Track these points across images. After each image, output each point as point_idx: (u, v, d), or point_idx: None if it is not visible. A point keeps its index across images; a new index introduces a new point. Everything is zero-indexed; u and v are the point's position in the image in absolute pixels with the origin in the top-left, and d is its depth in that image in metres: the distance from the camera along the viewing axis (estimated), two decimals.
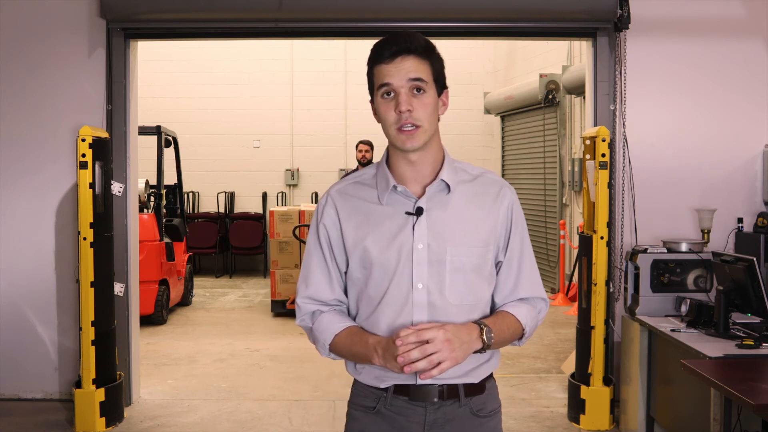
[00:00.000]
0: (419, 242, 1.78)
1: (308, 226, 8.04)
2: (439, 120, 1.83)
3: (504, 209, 1.86)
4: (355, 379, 1.91)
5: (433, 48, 1.80)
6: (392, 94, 1.76)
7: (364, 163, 7.85)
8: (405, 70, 1.74)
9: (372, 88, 1.80)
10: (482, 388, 1.87)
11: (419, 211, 1.79)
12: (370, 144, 7.93)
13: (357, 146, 8.03)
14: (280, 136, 11.83)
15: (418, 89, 1.75)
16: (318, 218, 1.89)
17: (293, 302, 7.97)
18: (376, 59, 1.78)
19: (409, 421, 1.83)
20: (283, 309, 8.18)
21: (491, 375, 1.91)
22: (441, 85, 1.82)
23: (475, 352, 1.73)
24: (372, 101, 1.81)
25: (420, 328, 1.66)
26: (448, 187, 1.82)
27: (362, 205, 1.85)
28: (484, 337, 1.73)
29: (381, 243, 1.80)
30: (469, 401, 1.84)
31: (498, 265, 1.89)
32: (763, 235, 4.61)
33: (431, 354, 1.63)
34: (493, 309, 1.90)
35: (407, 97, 1.74)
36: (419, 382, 1.79)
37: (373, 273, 1.81)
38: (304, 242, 8.13)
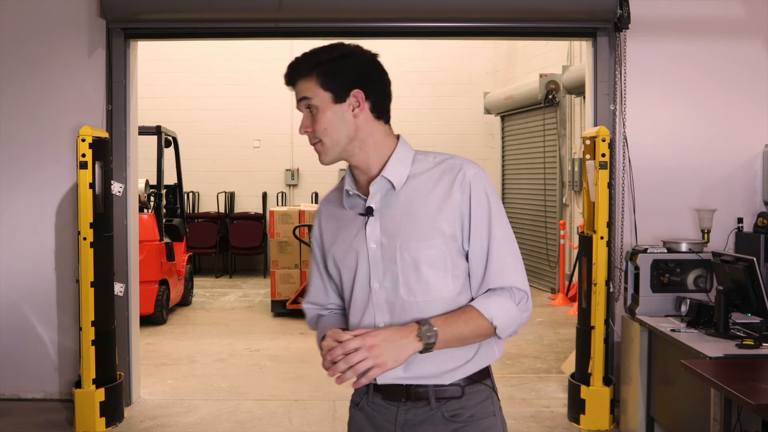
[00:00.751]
0: (372, 242, 1.79)
1: (308, 226, 8.07)
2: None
3: (460, 193, 1.74)
4: None
5: (321, 61, 1.75)
6: None
7: None
8: (297, 94, 1.79)
9: None
10: (459, 391, 1.79)
11: (369, 211, 1.80)
12: None
13: None
14: (280, 136, 11.82)
15: (310, 107, 1.78)
16: (314, 227, 1.98)
17: (293, 302, 8.00)
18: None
19: (383, 419, 1.85)
20: (283, 309, 8.17)
21: (476, 379, 1.81)
22: (342, 89, 1.75)
23: (422, 351, 1.67)
24: None
25: (357, 334, 1.66)
26: (392, 183, 1.79)
27: (336, 212, 1.90)
28: (421, 336, 1.65)
29: (343, 246, 1.84)
30: (442, 405, 1.78)
31: (467, 255, 1.79)
32: (763, 235, 4.61)
33: (357, 363, 1.63)
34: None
35: (305, 119, 1.79)
36: (380, 382, 1.79)
37: (342, 276, 1.86)
38: (304, 242, 8.17)
